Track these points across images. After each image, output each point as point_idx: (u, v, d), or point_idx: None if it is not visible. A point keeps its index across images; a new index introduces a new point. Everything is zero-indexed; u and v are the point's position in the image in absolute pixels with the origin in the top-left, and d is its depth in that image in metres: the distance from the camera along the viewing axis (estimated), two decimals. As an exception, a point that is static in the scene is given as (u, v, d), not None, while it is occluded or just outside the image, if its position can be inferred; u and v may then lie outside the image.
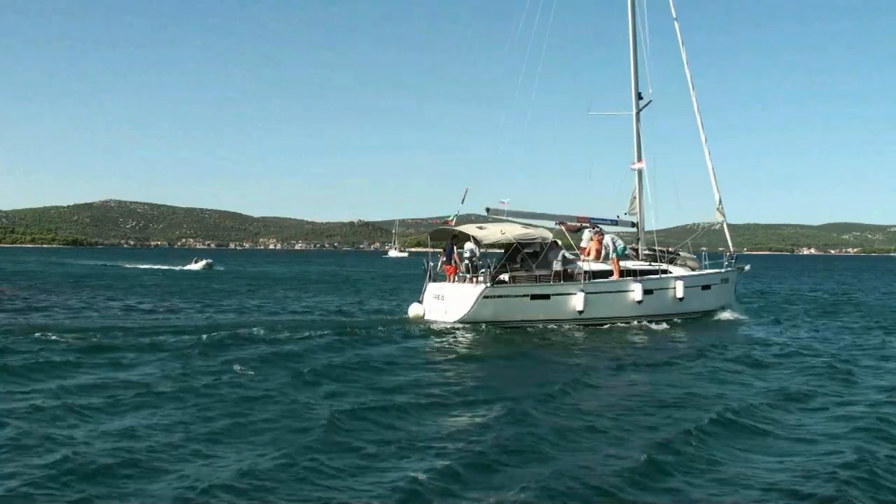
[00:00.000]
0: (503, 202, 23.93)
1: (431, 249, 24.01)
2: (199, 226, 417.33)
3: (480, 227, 22.98)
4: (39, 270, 63.73)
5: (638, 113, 26.42)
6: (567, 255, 22.88)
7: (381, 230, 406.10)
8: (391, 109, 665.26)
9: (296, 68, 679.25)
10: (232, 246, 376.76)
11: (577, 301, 21.50)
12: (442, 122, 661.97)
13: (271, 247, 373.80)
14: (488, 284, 21.19)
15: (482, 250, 22.73)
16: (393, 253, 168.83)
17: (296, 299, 34.07)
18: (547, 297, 21.62)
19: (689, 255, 26.62)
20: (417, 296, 23.92)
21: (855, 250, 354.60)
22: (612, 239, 23.68)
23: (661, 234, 27.07)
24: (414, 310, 22.84)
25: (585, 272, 22.23)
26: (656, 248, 25.68)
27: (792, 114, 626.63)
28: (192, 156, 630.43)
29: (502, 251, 23.52)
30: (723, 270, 26.46)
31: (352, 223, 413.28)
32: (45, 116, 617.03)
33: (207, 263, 69.63)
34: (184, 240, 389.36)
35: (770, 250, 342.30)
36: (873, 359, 16.82)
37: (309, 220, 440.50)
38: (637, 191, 26.62)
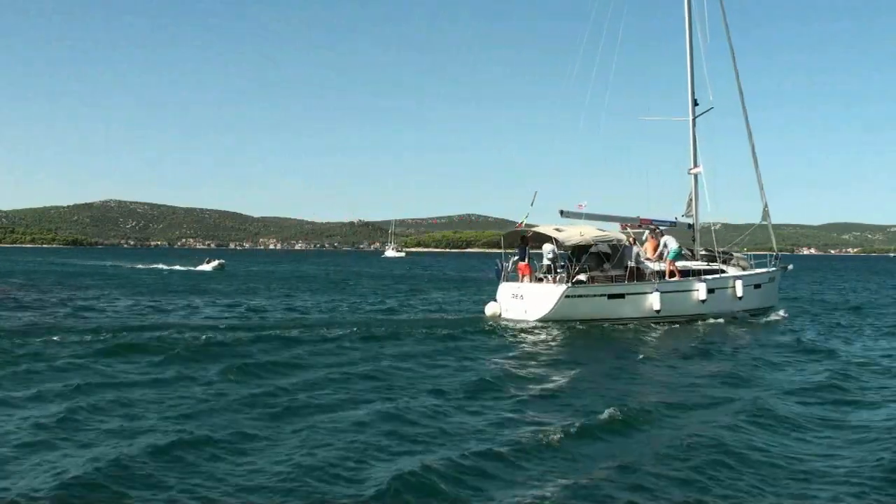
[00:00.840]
0: (580, 205, 24.67)
1: (504, 250, 24.97)
2: (199, 226, 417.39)
3: (559, 230, 23.66)
4: (56, 270, 63.61)
5: (694, 119, 27.05)
6: (640, 255, 23.89)
7: (381, 230, 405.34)
8: (391, 109, 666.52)
9: (296, 68, 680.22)
10: (232, 246, 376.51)
11: (653, 300, 22.56)
12: (442, 122, 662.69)
13: (271, 247, 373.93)
14: (569, 284, 22.08)
15: (560, 251, 23.48)
16: (390, 253, 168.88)
17: (363, 299, 34.04)
18: (622, 296, 22.61)
19: (741, 255, 27.54)
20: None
21: (855, 250, 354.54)
22: (668, 241, 24.63)
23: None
24: (491, 308, 23.69)
25: (656, 272, 23.51)
26: (714, 248, 26.44)
27: (792, 114, 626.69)
28: (192, 156, 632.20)
29: (568, 251, 24.11)
30: (772, 270, 27.39)
31: (352, 223, 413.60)
32: (45, 116, 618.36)
33: (220, 263, 68.28)
34: (184, 240, 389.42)
35: (770, 250, 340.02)
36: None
37: (309, 220, 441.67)
38: (693, 194, 27.37)
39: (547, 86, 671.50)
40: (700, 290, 23.42)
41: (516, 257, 24.14)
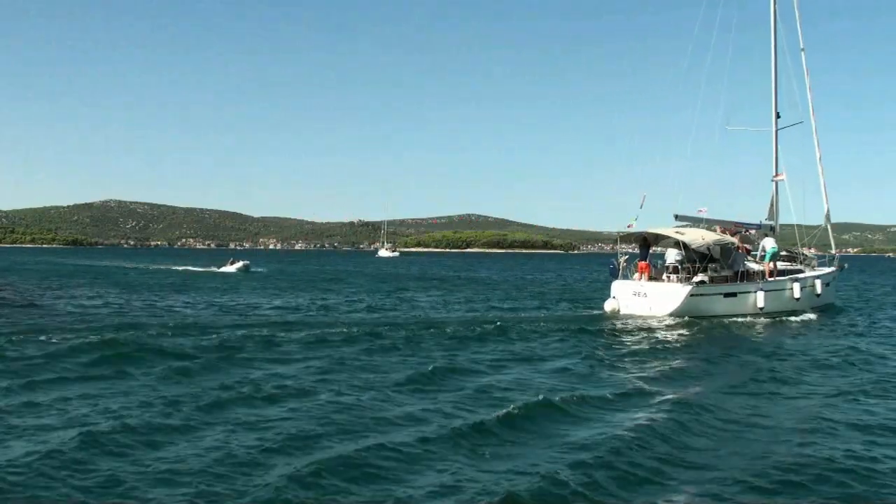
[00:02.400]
0: (701, 210, 27.41)
1: (621, 250, 27.11)
2: (199, 226, 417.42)
3: (679, 232, 25.47)
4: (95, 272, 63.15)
5: (777, 131, 29.22)
6: (748, 257, 26.37)
7: (381, 230, 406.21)
8: (391, 109, 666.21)
9: (296, 68, 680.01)
10: (232, 246, 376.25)
11: (758, 298, 24.71)
12: (442, 122, 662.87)
13: (271, 247, 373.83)
14: (694, 284, 24.15)
15: (684, 253, 25.41)
16: (383, 252, 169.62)
17: (454, 298, 34.94)
18: (735, 294, 24.87)
19: (811, 255, 29.89)
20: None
21: (855, 250, 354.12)
22: (766, 243, 26.92)
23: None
24: (610, 305, 25.43)
25: (758, 272, 25.94)
26: (796, 249, 28.89)
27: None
28: (192, 156, 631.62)
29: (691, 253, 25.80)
30: (834, 269, 29.69)
31: (352, 223, 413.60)
32: (45, 116, 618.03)
33: (244, 265, 63.57)
34: (184, 240, 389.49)
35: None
36: None
37: (309, 220, 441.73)
38: (775, 198, 29.33)
39: (547, 85, 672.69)
40: (795, 289, 25.81)
41: (626, 256, 26.38)
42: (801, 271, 27.54)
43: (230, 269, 62.52)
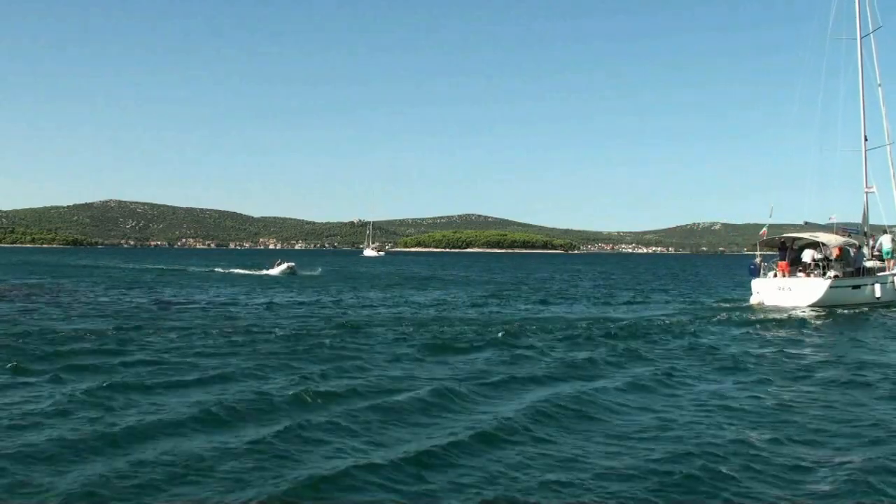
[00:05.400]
0: (831, 217, 32.40)
1: (760, 252, 31.41)
2: (199, 226, 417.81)
3: (815, 236, 30.60)
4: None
5: (867, 151, 34.26)
6: (864, 255, 31.25)
7: (381, 230, 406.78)
8: (392, 109, 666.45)
9: (296, 68, 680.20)
10: (232, 246, 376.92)
11: (876, 289, 29.77)
12: (442, 121, 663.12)
13: (271, 247, 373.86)
14: (831, 278, 28.82)
15: (820, 254, 29.87)
16: (368, 252, 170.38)
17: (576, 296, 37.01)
18: (860, 287, 29.77)
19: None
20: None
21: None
22: (883, 241, 31.65)
23: (661, 234, 29.91)
24: (755, 299, 29.86)
25: (871, 268, 30.74)
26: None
27: (792, 114, 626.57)
28: (192, 156, 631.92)
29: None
30: None
31: (352, 223, 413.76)
32: (45, 116, 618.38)
33: (289, 267, 59.17)
34: (184, 240, 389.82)
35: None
36: None
37: (309, 220, 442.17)
38: (866, 206, 34.25)
39: (546, 85, 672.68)
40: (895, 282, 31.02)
41: (759, 258, 30.90)
42: (885, 268, 32.40)
43: (275, 271, 59.06)
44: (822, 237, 30.25)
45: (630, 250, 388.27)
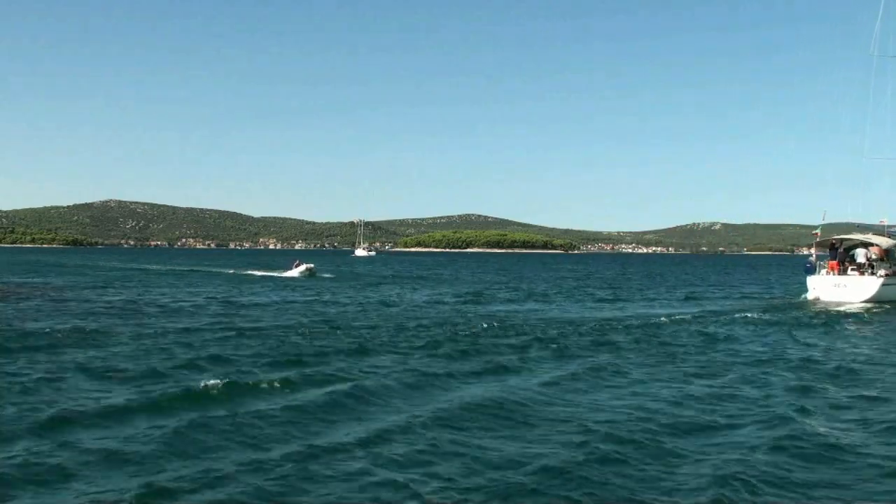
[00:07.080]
0: (882, 220, 34.77)
1: (815, 252, 34.11)
2: (199, 226, 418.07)
3: (867, 237, 33.21)
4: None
5: None
6: None
7: (380, 230, 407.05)
8: (391, 109, 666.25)
9: (296, 68, 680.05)
10: (232, 246, 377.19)
11: None
12: (442, 121, 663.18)
13: (271, 247, 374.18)
14: (883, 276, 31.27)
15: (871, 254, 32.28)
16: (359, 252, 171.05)
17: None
18: None
19: None
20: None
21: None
22: None
23: (661, 234, 30.14)
24: (812, 294, 32.31)
25: None
26: None
27: (792, 114, 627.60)
28: (192, 156, 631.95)
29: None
30: None
31: (352, 223, 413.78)
32: (45, 116, 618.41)
33: (308, 269, 57.90)
34: (184, 240, 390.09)
35: (770, 250, 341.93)
36: None
37: (309, 220, 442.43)
38: None
39: (546, 85, 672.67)
40: None
41: (814, 257, 33.63)
42: None
43: (294, 272, 57.72)
44: (874, 239, 33.03)
45: (630, 250, 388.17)
